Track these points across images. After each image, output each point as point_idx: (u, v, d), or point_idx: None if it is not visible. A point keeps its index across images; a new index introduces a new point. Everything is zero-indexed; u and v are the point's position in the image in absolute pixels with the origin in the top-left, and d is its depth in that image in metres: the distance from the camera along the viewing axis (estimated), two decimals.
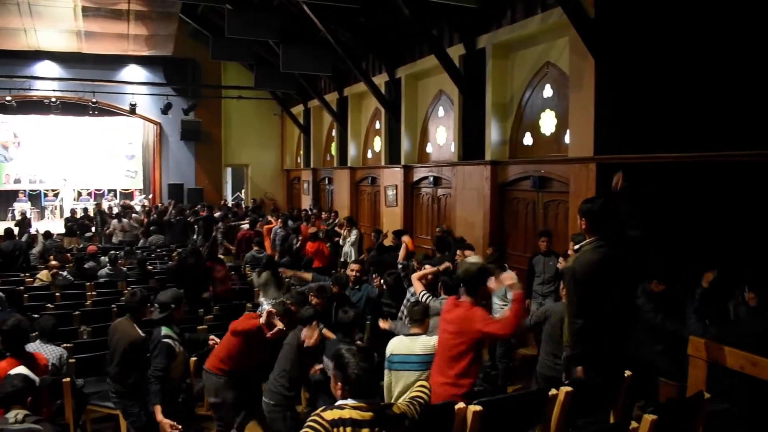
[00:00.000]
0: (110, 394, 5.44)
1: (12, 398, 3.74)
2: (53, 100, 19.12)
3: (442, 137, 12.34)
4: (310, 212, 16.32)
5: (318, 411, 2.67)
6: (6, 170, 22.33)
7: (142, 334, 5.28)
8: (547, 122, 9.31)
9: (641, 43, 7.16)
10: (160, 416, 4.82)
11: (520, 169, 9.49)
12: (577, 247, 4.49)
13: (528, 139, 9.75)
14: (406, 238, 8.27)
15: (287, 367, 4.96)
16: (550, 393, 3.76)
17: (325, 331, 5.62)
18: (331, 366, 4.77)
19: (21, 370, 4.12)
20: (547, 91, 9.30)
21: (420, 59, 12.20)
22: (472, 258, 5.19)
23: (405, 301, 6.42)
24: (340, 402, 2.72)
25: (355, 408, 2.68)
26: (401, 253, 7.51)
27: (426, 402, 3.07)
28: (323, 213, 16.01)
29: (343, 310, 5.38)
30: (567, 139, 8.52)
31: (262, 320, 5.15)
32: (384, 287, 7.35)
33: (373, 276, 8.27)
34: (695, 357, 4.38)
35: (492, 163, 9.89)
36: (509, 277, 4.26)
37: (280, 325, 5.12)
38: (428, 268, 6.54)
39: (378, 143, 15.26)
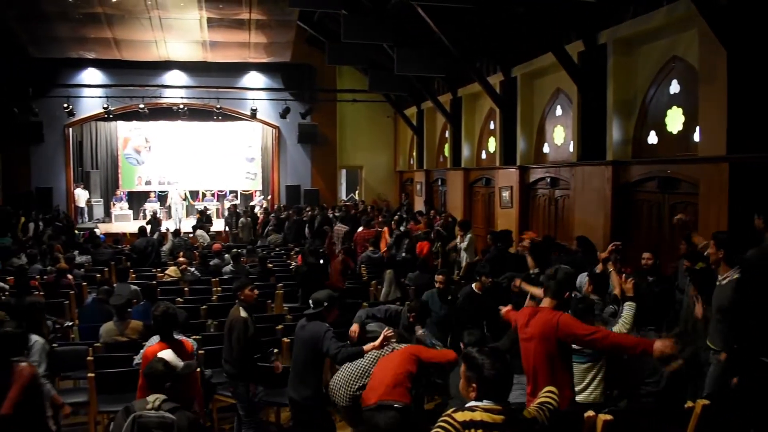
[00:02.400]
0: (223, 375, 5.84)
1: (152, 382, 3.89)
2: (181, 106, 20.35)
3: (560, 137, 12.02)
4: (422, 213, 16.42)
5: (449, 411, 2.66)
6: (138, 173, 23.91)
7: (243, 315, 5.67)
8: (674, 119, 8.85)
9: None
10: (371, 345, 5.03)
11: (644, 169, 9.07)
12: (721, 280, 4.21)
13: (653, 138, 9.32)
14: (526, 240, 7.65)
15: None
16: (686, 405, 3.56)
17: None
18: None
19: (166, 354, 4.28)
20: (674, 87, 8.85)
21: (536, 57, 11.93)
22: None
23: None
24: (471, 403, 2.70)
25: (486, 410, 2.64)
26: (530, 261, 6.72)
27: (555, 408, 2.99)
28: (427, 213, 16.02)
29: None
30: (696, 137, 8.07)
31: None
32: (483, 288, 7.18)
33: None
34: None
35: (613, 163, 9.51)
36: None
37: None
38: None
39: (492, 144, 15.08)
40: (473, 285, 7.33)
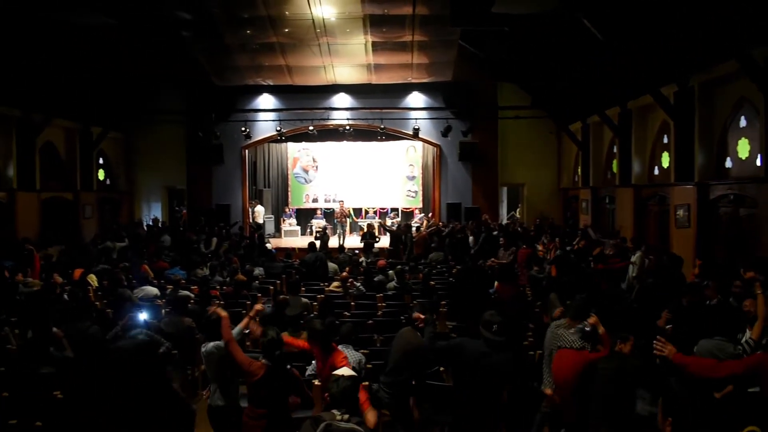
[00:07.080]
0: (381, 387, 5.99)
1: (339, 400, 3.92)
2: (347, 127, 21.18)
3: (745, 150, 11.06)
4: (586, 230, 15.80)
5: None
6: (306, 191, 25.17)
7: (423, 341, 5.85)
8: None
9: None
10: None
11: None
12: None
13: None
14: None
15: None
16: None
17: None
18: None
19: (344, 371, 4.22)
20: None
21: (716, 66, 11.11)
22: None
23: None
24: None
25: None
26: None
27: None
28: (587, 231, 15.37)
29: None
30: None
31: None
32: None
33: None
34: None
35: None
36: None
37: None
38: None
39: (666, 159, 14.20)
40: None
